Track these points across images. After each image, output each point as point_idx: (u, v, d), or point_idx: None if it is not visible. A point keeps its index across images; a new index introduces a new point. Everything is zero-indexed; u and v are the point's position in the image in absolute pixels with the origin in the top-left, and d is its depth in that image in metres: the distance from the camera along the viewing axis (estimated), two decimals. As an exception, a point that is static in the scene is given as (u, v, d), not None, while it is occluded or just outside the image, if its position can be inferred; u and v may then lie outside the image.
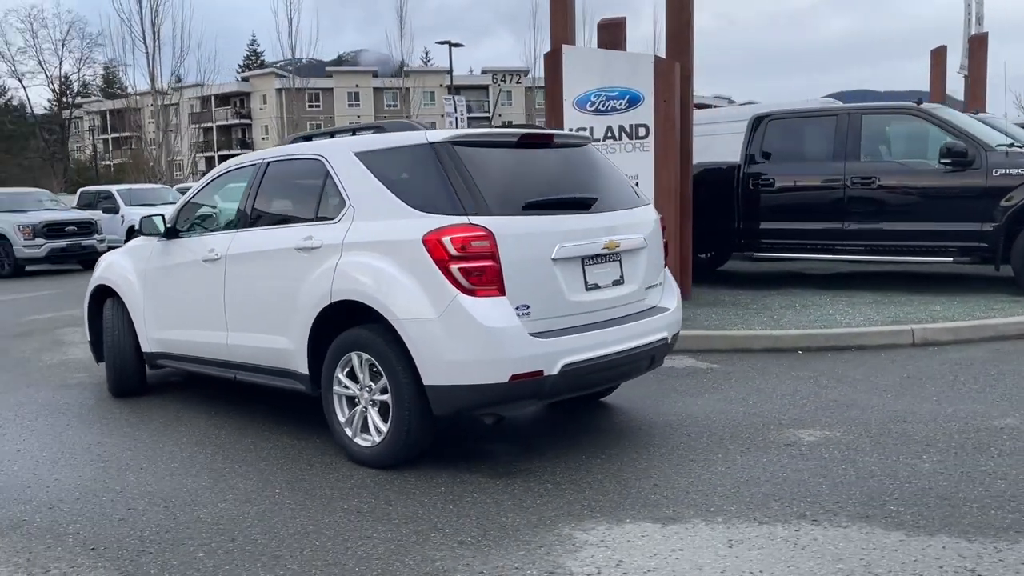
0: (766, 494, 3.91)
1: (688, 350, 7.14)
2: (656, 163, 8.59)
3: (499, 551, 3.41)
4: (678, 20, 9.15)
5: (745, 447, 4.60)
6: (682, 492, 3.98)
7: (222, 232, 5.52)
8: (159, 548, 3.56)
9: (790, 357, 6.83)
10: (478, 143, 4.51)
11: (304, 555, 3.44)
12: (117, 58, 53.76)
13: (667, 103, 8.54)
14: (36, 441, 5.26)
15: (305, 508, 3.97)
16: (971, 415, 5.02)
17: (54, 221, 18.17)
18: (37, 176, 57.59)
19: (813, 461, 4.33)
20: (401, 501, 4.00)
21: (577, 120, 8.84)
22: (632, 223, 4.77)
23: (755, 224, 9.82)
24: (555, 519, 3.72)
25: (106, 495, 4.23)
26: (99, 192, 21.66)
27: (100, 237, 18.96)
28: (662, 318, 4.85)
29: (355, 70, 74.84)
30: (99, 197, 21.32)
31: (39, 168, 62.13)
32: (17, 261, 17.84)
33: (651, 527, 3.59)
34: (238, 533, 3.69)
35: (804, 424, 4.98)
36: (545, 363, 4.15)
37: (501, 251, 4.12)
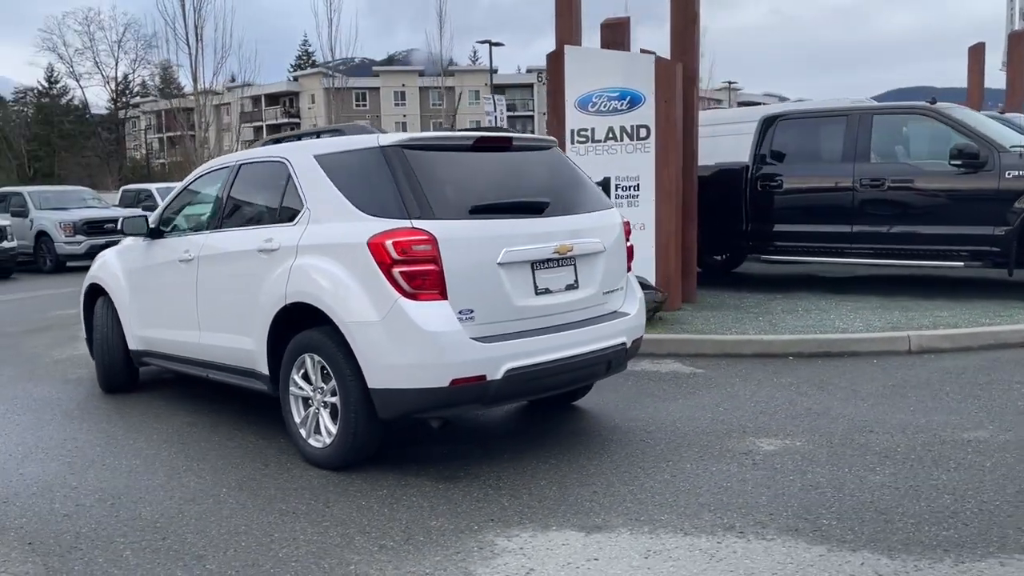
0: (702, 504, 3.85)
1: (676, 354, 7.07)
2: (657, 164, 8.51)
3: (416, 556, 3.41)
4: (683, 18, 9.04)
5: (699, 455, 4.54)
6: (619, 500, 3.94)
7: (197, 233, 5.62)
8: (91, 545, 3.64)
9: (779, 363, 6.71)
10: (430, 147, 4.52)
11: (226, 555, 3.49)
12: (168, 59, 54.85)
13: (668, 103, 8.45)
14: (15, 436, 5.41)
15: (245, 508, 4.02)
16: (942, 426, 4.87)
17: (94, 219, 18.64)
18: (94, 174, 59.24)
19: (762, 471, 4.25)
20: (339, 503, 4.03)
21: (579, 121, 8.80)
22: (589, 227, 4.73)
23: (763, 226, 9.67)
24: (483, 525, 3.71)
25: (61, 491, 4.34)
26: (139, 191, 22.18)
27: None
28: (620, 323, 4.81)
29: (401, 69, 75.47)
30: (140, 196, 21.83)
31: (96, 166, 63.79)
32: (59, 257, 18.38)
33: (575, 535, 3.56)
34: (172, 532, 3.75)
35: (768, 433, 4.89)
36: (488, 368, 4.14)
37: (444, 255, 4.12)
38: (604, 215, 4.93)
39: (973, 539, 3.37)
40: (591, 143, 8.78)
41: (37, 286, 15.44)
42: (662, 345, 7.19)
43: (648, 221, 8.59)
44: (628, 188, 8.68)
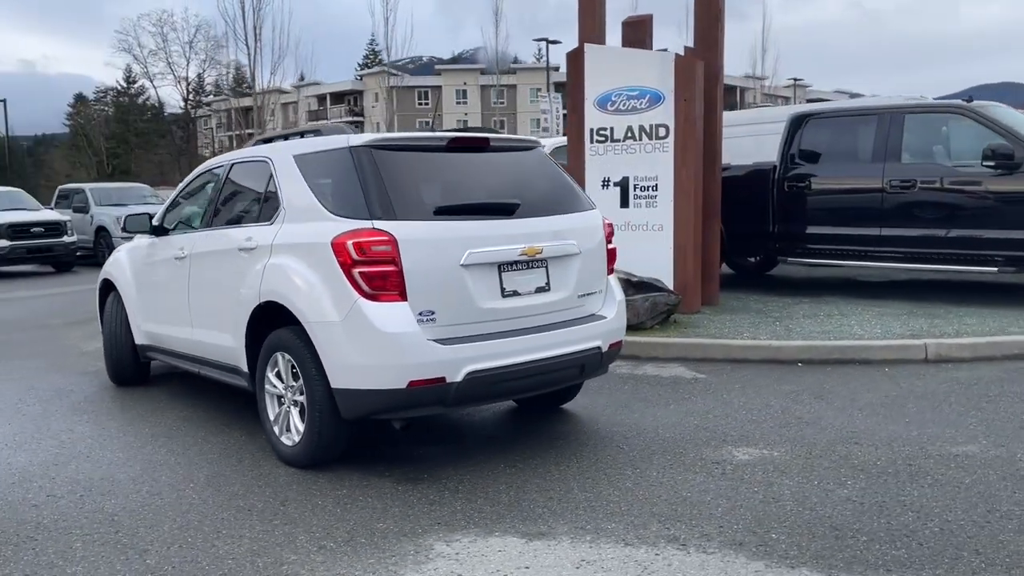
0: (654, 514, 3.76)
1: (682, 358, 6.94)
2: (675, 164, 8.36)
3: (350, 559, 3.41)
4: (707, 16, 8.86)
5: (669, 463, 4.44)
6: (572, 507, 3.88)
7: (192, 231, 5.74)
8: (47, 536, 3.73)
9: (786, 370, 6.53)
10: (401, 147, 4.51)
11: (169, 551, 3.54)
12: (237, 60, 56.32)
13: (688, 102, 8.29)
14: (18, 425, 5.60)
15: (205, 504, 4.08)
16: (933, 439, 4.67)
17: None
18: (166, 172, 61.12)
19: (727, 482, 4.14)
20: (296, 502, 4.06)
21: (598, 120, 8.71)
22: (563, 229, 4.67)
23: (790, 228, 9.42)
24: (428, 528, 3.69)
25: (40, 481, 4.47)
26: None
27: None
28: (595, 326, 4.73)
29: (462, 68, 75.89)
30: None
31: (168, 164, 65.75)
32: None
33: (515, 542, 3.52)
34: (127, 525, 3.83)
35: (750, 442, 4.76)
36: (448, 370, 4.12)
37: (404, 256, 4.11)
38: (582, 217, 4.86)
39: (922, 560, 3.22)
40: (610, 142, 8.68)
41: (94, 279, 15.96)
42: (669, 349, 7.06)
43: (666, 222, 8.45)
44: (646, 188, 8.55)
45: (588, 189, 8.74)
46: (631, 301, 7.41)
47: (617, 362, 6.78)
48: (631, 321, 7.34)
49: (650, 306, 7.65)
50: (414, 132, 5.01)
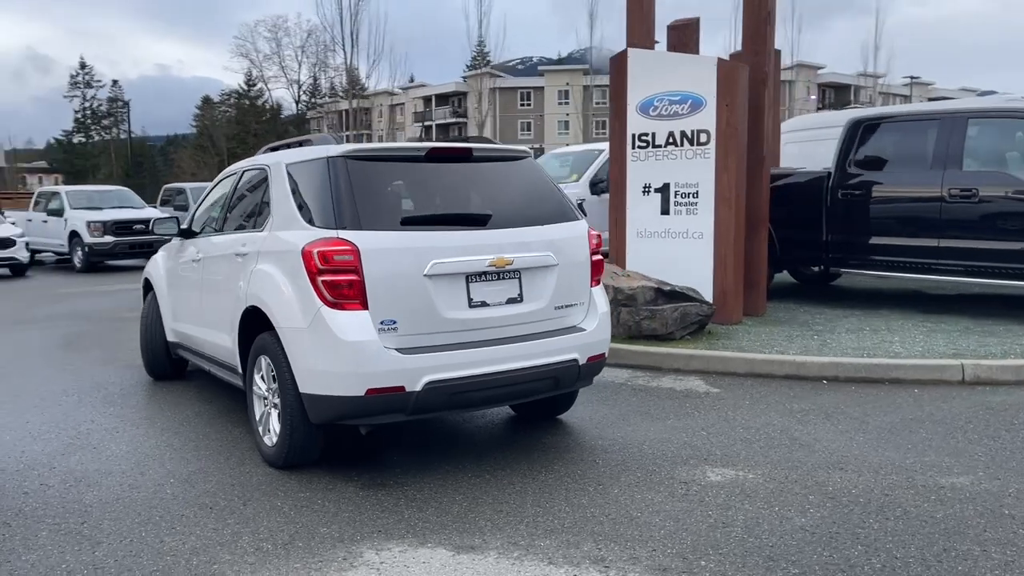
0: (593, 533, 3.70)
1: (703, 371, 6.77)
2: (716, 170, 8.17)
3: (279, 561, 3.50)
4: (755, 18, 8.61)
5: (636, 481, 4.35)
6: (517, 521, 3.86)
7: (208, 235, 5.98)
8: (22, 524, 3.97)
9: (807, 387, 6.28)
10: (378, 157, 4.58)
11: (120, 544, 3.71)
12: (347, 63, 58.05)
13: (730, 107, 8.08)
14: (48, 415, 5.96)
15: (175, 499, 4.25)
16: (926, 468, 4.42)
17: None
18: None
19: (685, 503, 4.03)
20: (257, 502, 4.19)
21: (640, 125, 8.59)
22: (540, 240, 4.64)
23: (843, 238, 9.04)
24: (368, 535, 3.75)
25: (41, 470, 4.75)
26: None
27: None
28: (572, 339, 4.69)
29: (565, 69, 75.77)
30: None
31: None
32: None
33: (443, 554, 3.53)
34: (95, 517, 4.03)
35: (730, 462, 4.61)
36: (407, 379, 4.17)
37: (365, 266, 4.18)
38: (563, 228, 4.81)
39: (845, 599, 3.06)
40: (651, 148, 8.55)
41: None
42: (691, 361, 6.91)
43: (706, 230, 8.27)
44: (687, 196, 8.38)
45: (629, 195, 8.67)
46: (659, 311, 7.30)
47: (635, 372, 6.71)
48: (658, 331, 7.25)
49: (679, 316, 7.49)
50: (396, 143, 5.07)
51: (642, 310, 7.47)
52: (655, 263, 8.42)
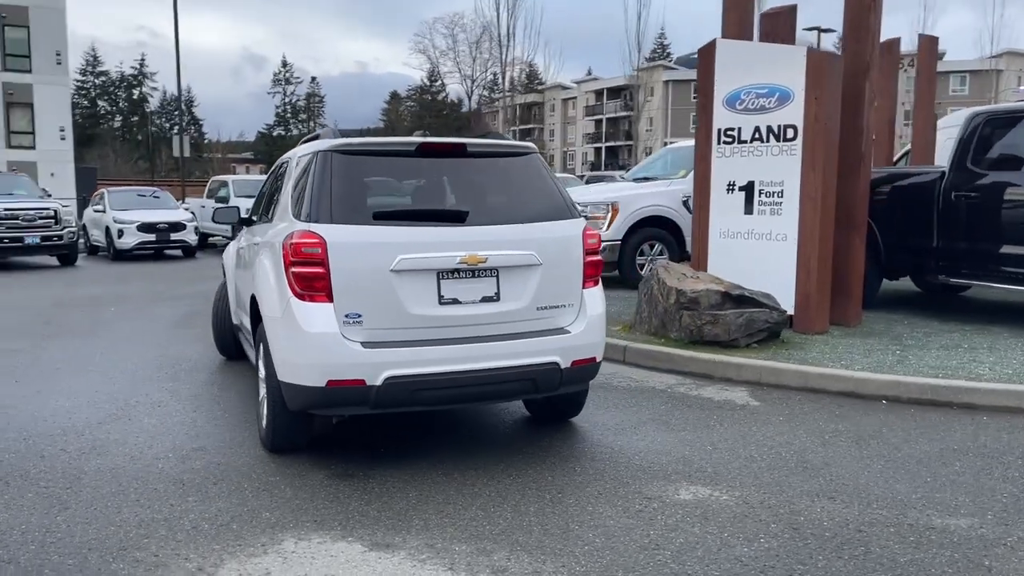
0: (516, 542, 3.58)
1: (755, 383, 6.38)
2: (803, 167, 7.64)
3: (203, 542, 3.61)
4: (857, 4, 7.95)
5: (601, 493, 4.17)
6: (450, 524, 3.79)
7: (255, 224, 6.26)
8: (18, 483, 4.33)
9: (860, 406, 5.77)
10: (367, 152, 4.62)
11: (82, 511, 3.95)
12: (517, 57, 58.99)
13: (819, 101, 7.53)
14: (115, 386, 6.46)
15: (160, 474, 4.48)
16: (927, 506, 3.96)
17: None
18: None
19: (632, 520, 3.81)
20: (227, 482, 4.34)
21: (726, 119, 8.18)
22: (522, 239, 4.51)
23: (955, 244, 8.18)
24: (299, 524, 3.80)
25: (72, 436, 5.15)
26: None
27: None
28: (553, 340, 4.54)
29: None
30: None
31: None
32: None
33: (356, 549, 3.53)
34: (82, 484, 4.32)
35: (714, 481, 4.32)
36: (367, 373, 4.19)
37: (332, 259, 4.23)
38: (552, 226, 4.67)
39: (724, 641, 2.79)
40: (736, 144, 8.12)
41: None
42: (743, 371, 6.51)
43: (790, 232, 7.76)
44: (771, 195, 7.90)
45: (713, 194, 8.29)
46: (722, 316, 6.94)
47: (683, 380, 6.44)
48: (721, 337, 6.91)
49: (744, 323, 7.08)
50: (390, 138, 5.07)
51: (704, 314, 7.12)
52: (737, 266, 8.00)
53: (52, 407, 5.85)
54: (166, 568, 3.37)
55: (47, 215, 17.49)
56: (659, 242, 11.03)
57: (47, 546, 3.58)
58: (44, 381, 6.67)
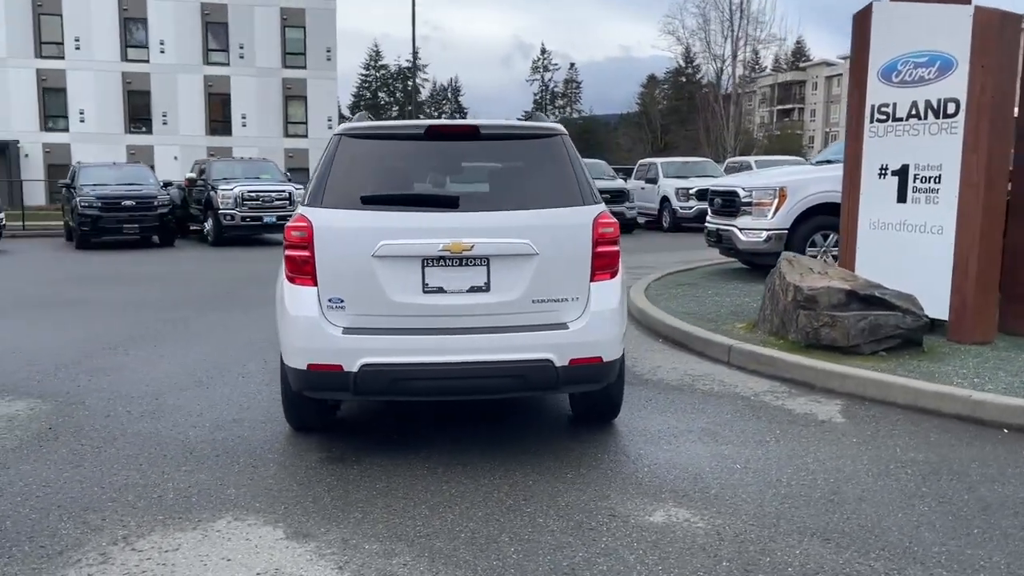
0: (432, 548, 3.37)
1: (856, 396, 5.59)
2: (964, 149, 6.54)
3: (152, 512, 3.74)
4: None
5: (570, 505, 3.83)
6: (384, 520, 3.65)
7: None
8: (66, 438, 4.76)
9: (976, 434, 4.85)
10: (373, 135, 4.56)
11: (91, 468, 4.27)
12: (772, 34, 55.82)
13: (986, 70, 6.40)
14: (215, 356, 6.94)
15: (182, 441, 4.73)
16: (937, 562, 3.23)
17: None
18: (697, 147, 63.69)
19: (568, 539, 3.45)
20: (227, 455, 4.50)
21: (880, 94, 7.21)
22: (517, 226, 4.21)
23: None
24: (248, 504, 3.83)
25: (147, 399, 5.58)
26: (650, 164, 23.72)
27: (630, 205, 21.00)
28: (547, 336, 4.21)
29: None
30: (647, 168, 23.42)
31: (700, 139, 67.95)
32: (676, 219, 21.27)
33: (274, 535, 3.50)
34: (112, 444, 4.66)
35: (708, 505, 3.81)
36: (345, 359, 4.14)
37: (317, 243, 4.22)
38: (555, 213, 4.32)
39: None
40: (891, 122, 7.12)
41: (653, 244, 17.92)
42: (847, 382, 5.70)
43: (947, 224, 6.70)
44: (927, 180, 6.86)
45: (864, 179, 7.37)
46: (840, 318, 6.17)
47: (776, 386, 5.89)
48: (839, 342, 6.20)
49: (868, 327, 6.20)
50: (400, 120, 4.91)
51: (822, 315, 6.32)
52: (888, 262, 7.05)
53: (157, 371, 6.40)
54: (98, 532, 3.54)
55: (283, 197, 19.25)
56: (834, 232, 9.94)
57: (29, 498, 3.91)
58: (172, 346, 7.33)
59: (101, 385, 5.99)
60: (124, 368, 6.53)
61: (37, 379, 6.16)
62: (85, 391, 5.82)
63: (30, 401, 5.55)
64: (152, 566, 3.24)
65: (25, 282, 12.46)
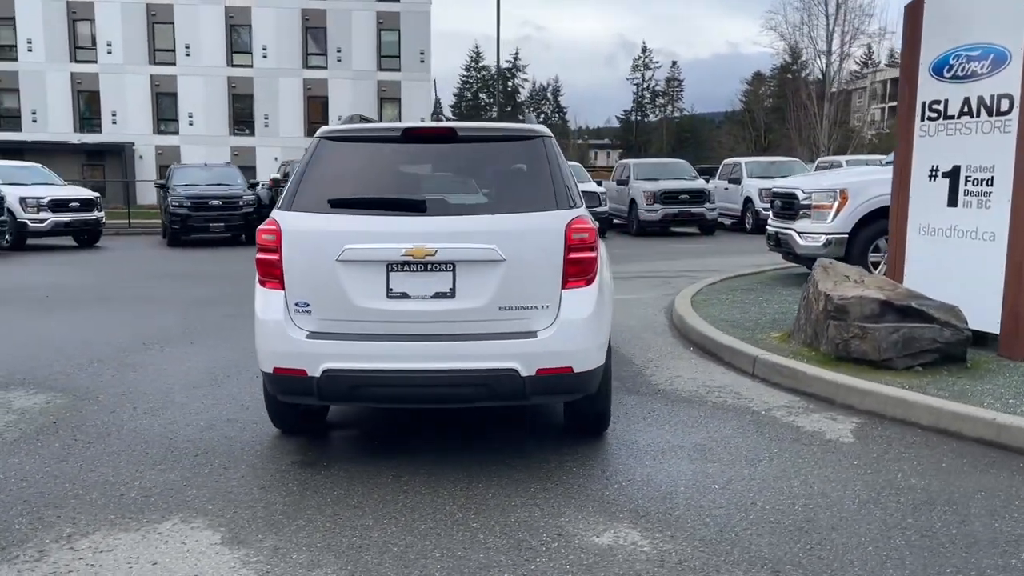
0: (350, 562, 3.30)
1: (876, 415, 5.23)
2: (1018, 149, 6.05)
3: (107, 508, 3.80)
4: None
5: (511, 525, 3.68)
6: (320, 527, 3.60)
7: None
8: (67, 430, 4.91)
9: (997, 461, 4.45)
10: (351, 138, 4.51)
11: (70, 465, 4.36)
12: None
13: (1043, 63, 5.88)
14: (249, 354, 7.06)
15: (173, 437, 4.81)
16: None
17: (670, 190, 20.33)
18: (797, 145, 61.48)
19: (500, 557, 3.31)
20: (207, 454, 4.54)
21: (932, 90, 6.75)
22: (483, 231, 4.08)
23: None
24: (200, 507, 3.84)
25: (156, 396, 5.72)
26: (734, 164, 23.05)
27: (711, 206, 20.49)
28: (514, 345, 4.07)
29: None
30: (732, 168, 22.77)
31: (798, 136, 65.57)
32: (640, 223, 20.72)
33: (209, 539, 3.49)
34: (108, 440, 4.79)
35: (661, 529, 3.61)
36: (308, 363, 4.11)
37: (285, 246, 4.20)
38: (525, 218, 4.16)
39: None
40: (943, 120, 6.65)
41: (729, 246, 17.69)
42: (867, 398, 5.33)
43: (999, 229, 6.21)
44: (979, 183, 6.37)
45: (913, 181, 6.93)
46: (871, 329, 5.81)
47: (795, 400, 5.63)
48: (869, 355, 5.86)
49: (901, 340, 5.79)
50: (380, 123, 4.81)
51: (852, 326, 5.94)
52: (936, 269, 6.62)
53: (180, 369, 6.55)
54: (47, 529, 3.61)
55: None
56: (899, 237, 9.38)
57: (4, 492, 4.04)
58: (208, 344, 7.50)
59: (122, 381, 6.18)
60: (151, 365, 6.71)
61: (67, 373, 6.40)
62: (104, 386, 6.01)
63: (50, 395, 5.77)
64: (81, 566, 3.27)
65: (109, 278, 13.05)
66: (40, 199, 18.12)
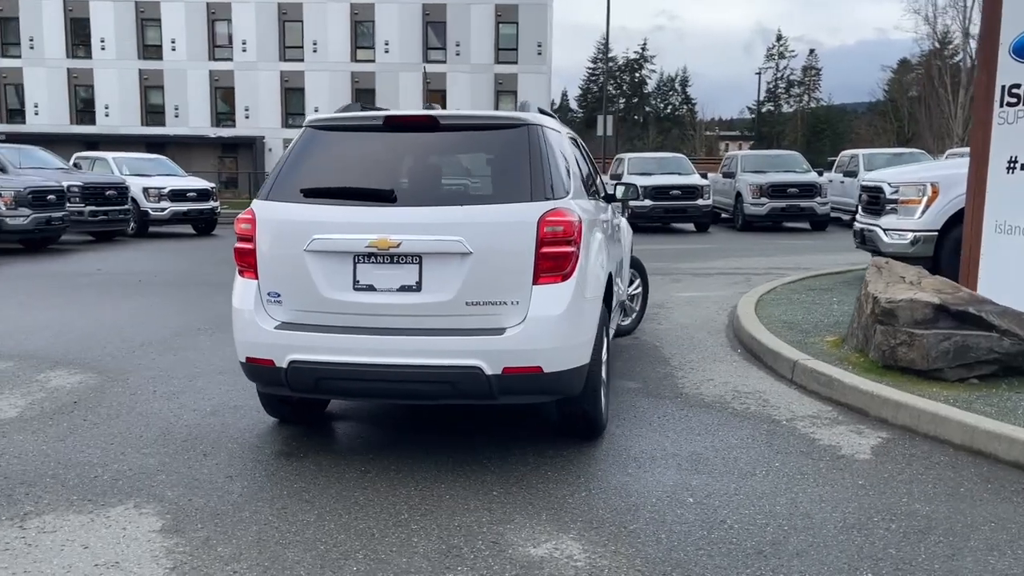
0: (267, 560, 3.23)
1: (909, 430, 4.78)
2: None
3: (74, 493, 3.87)
4: None
5: (454, 530, 3.51)
6: (256, 522, 3.55)
7: None
8: (79, 411, 5.09)
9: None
10: (336, 127, 4.45)
11: (66, 446, 4.50)
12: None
13: None
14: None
15: (171, 427, 4.89)
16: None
17: (778, 183, 19.49)
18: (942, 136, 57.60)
19: (426, 564, 3.17)
20: (194, 440, 4.59)
21: (1012, 73, 6.12)
22: (450, 223, 3.93)
23: None
24: (158, 494, 3.85)
25: (179, 381, 5.86)
26: (851, 156, 21.81)
27: (822, 200, 19.53)
28: (478, 342, 3.90)
29: None
30: (849, 160, 21.58)
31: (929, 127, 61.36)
32: (745, 217, 19.98)
33: (151, 526, 3.50)
34: (113, 422, 4.92)
35: (612, 543, 3.36)
36: (276, 354, 4.08)
37: (259, 236, 4.19)
38: (495, 210, 3.98)
39: None
40: (1022, 106, 5.99)
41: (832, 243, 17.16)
42: (900, 412, 4.86)
43: (1072, 227, 5.54)
44: (1057, 175, 5.70)
45: (990, 173, 6.31)
46: (920, 336, 5.33)
47: (823, 410, 5.30)
48: (917, 364, 5.41)
49: (952, 349, 5.25)
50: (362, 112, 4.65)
51: (900, 332, 5.43)
52: (1016, 272, 5.98)
53: (216, 355, 6.69)
54: (9, 507, 3.71)
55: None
56: (996, 236, 8.55)
57: (-10, 470, 4.21)
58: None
59: (157, 364, 6.37)
60: (192, 349, 6.90)
61: (112, 355, 6.66)
62: (139, 368, 6.22)
63: (86, 375, 6.01)
64: (19, 545, 3.34)
65: (202, 265, 13.62)
66: (160, 189, 19.16)
